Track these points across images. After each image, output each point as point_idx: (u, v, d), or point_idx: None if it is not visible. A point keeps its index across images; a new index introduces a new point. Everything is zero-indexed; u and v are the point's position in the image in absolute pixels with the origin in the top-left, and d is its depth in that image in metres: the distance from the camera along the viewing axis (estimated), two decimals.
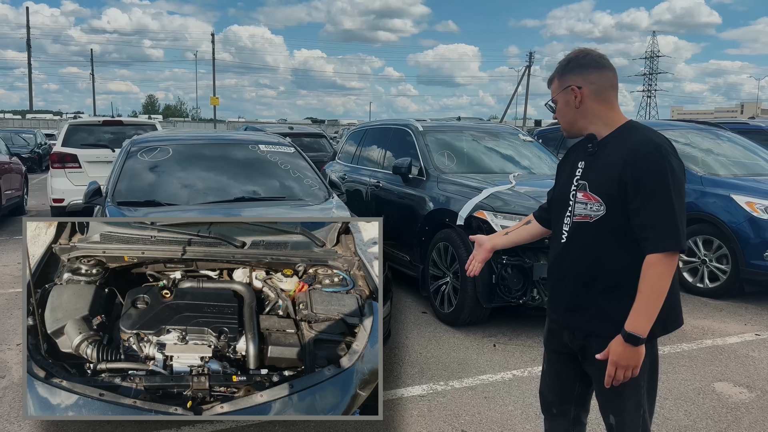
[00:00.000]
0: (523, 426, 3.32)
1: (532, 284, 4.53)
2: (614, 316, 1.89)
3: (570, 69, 2.00)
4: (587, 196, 1.94)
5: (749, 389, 3.83)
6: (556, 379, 2.22)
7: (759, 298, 5.78)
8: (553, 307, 2.16)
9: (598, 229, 1.92)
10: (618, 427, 2.01)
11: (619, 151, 1.90)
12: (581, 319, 2.00)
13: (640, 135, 1.91)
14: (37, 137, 23.00)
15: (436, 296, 5.15)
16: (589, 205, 1.94)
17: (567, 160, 2.15)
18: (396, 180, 5.99)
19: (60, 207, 8.88)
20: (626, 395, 1.98)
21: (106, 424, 3.27)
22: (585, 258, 1.96)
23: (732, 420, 3.42)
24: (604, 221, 1.90)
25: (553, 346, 2.19)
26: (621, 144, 1.92)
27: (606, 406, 2.05)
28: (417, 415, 3.43)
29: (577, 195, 1.98)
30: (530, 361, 4.21)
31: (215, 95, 50.71)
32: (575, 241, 1.99)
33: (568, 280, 2.02)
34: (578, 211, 1.97)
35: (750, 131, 8.64)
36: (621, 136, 1.95)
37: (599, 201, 1.91)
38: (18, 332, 4.73)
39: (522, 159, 6.24)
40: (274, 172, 4.90)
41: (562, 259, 2.04)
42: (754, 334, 4.84)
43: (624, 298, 1.87)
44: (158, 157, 4.75)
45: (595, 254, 1.93)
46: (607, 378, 1.87)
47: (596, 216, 1.92)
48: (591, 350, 1.96)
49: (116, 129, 9.49)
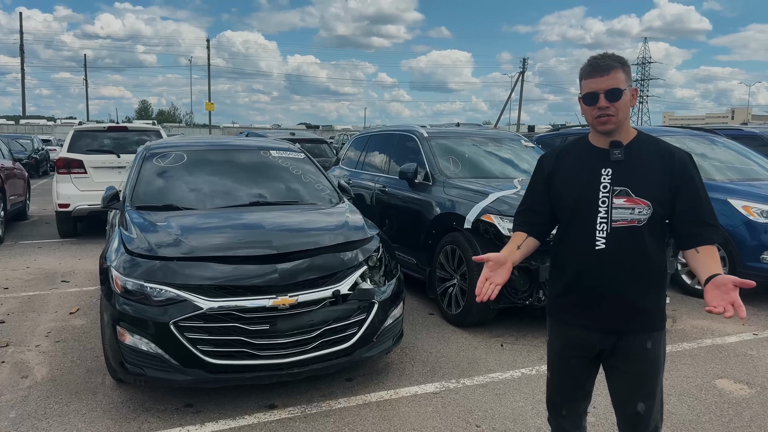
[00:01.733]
0: (534, 421, 3.45)
1: (539, 286, 4.67)
2: (652, 310, 2.09)
3: (628, 68, 2.06)
4: (633, 201, 2.02)
5: (749, 385, 3.97)
6: (573, 383, 2.27)
7: (756, 299, 5.95)
8: (581, 313, 2.14)
9: (644, 233, 2.04)
10: (647, 412, 2.14)
11: (655, 158, 2.05)
12: (619, 318, 2.09)
13: (665, 143, 2.10)
14: (34, 143, 23.01)
15: (443, 298, 5.28)
16: (636, 210, 2.02)
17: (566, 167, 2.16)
18: (402, 185, 6.13)
19: (66, 212, 8.96)
20: (657, 380, 2.14)
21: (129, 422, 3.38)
22: (631, 261, 2.05)
23: (734, 414, 3.56)
24: (649, 224, 2.04)
25: (574, 352, 2.20)
26: (652, 150, 2.07)
27: (636, 395, 2.14)
28: (432, 411, 3.56)
29: (614, 201, 2.04)
30: (537, 360, 4.34)
31: (210, 101, 50.72)
32: (617, 246, 2.04)
33: (608, 284, 2.07)
34: (621, 216, 2.03)
35: (744, 137, 8.83)
36: (646, 142, 2.09)
37: (648, 205, 2.02)
38: (36, 334, 4.83)
39: (525, 164, 6.39)
40: (286, 177, 5.02)
41: (597, 266, 2.06)
42: (752, 334, 5.00)
43: (658, 293, 2.11)
44: (173, 162, 4.87)
45: (641, 256, 2.05)
46: (720, 309, 1.83)
47: (645, 220, 2.03)
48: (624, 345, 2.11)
49: (121, 135, 9.58)
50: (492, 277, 2.13)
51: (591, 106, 2.03)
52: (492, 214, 4.79)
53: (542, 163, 2.30)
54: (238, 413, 3.51)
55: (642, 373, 2.13)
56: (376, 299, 3.74)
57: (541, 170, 2.28)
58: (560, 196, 2.18)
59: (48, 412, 3.51)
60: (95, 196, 8.82)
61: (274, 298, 3.40)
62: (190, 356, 3.31)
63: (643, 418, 2.17)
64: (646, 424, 2.17)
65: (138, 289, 3.40)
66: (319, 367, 3.54)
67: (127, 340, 3.38)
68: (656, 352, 2.13)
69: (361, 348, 3.68)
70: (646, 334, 2.11)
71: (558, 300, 2.24)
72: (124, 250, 3.66)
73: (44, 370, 4.12)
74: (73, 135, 9.35)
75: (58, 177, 9.07)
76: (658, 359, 2.14)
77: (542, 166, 2.29)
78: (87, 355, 4.38)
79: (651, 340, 2.11)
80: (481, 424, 3.41)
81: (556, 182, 2.20)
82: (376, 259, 3.96)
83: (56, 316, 5.34)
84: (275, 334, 3.40)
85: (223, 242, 3.69)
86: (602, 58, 2.05)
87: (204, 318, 3.31)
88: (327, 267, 3.67)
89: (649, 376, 2.13)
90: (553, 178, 2.21)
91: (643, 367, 2.13)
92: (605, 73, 2.00)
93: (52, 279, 6.72)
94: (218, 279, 3.42)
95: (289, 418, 3.46)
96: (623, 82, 2.01)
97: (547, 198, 2.23)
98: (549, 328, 2.33)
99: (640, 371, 2.13)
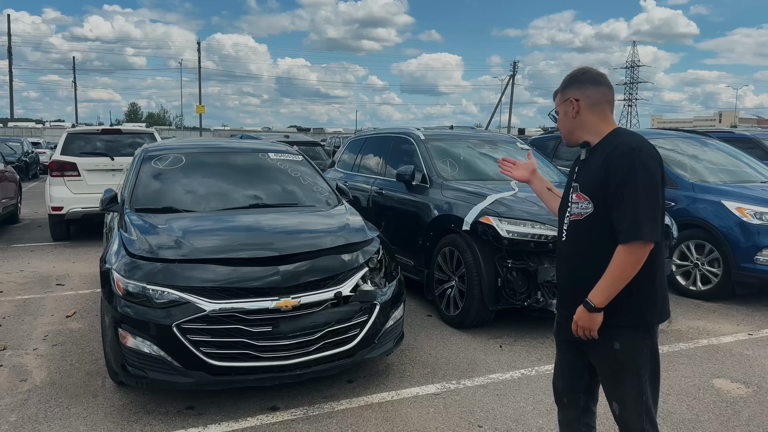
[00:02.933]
0: (536, 421, 3.48)
1: (537, 287, 4.70)
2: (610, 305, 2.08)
3: (571, 84, 2.25)
4: (579, 196, 2.18)
5: (746, 385, 4.02)
6: (566, 368, 2.39)
7: (750, 300, 6.01)
8: (560, 302, 2.34)
9: (589, 226, 2.13)
10: (621, 412, 2.17)
11: (601, 154, 2.14)
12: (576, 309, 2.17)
13: (620, 139, 2.14)
14: (24, 145, 22.83)
15: (441, 300, 5.30)
16: (580, 204, 2.16)
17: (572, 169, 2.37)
18: (399, 187, 6.14)
19: (59, 215, 8.90)
20: (628, 382, 2.13)
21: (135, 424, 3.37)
22: (581, 253, 2.18)
23: (732, 414, 3.60)
24: (593, 218, 2.12)
25: (562, 336, 2.35)
26: (604, 148, 2.16)
27: (610, 393, 2.20)
28: (434, 412, 3.57)
29: (571, 196, 2.22)
30: (537, 361, 4.37)
31: (201, 103, 50.53)
32: (572, 239, 2.22)
33: (566, 274, 2.25)
34: (573, 210, 2.20)
35: (735, 139, 8.94)
36: (606, 141, 2.18)
37: (587, 200, 2.14)
38: (32, 337, 4.80)
39: None
40: (285, 180, 5.03)
41: (563, 256, 2.27)
42: (747, 334, 5.05)
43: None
44: (172, 164, 4.86)
45: (590, 249, 2.14)
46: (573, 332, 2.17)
47: (585, 213, 2.14)
48: (593, 341, 2.15)
49: (114, 137, 9.54)
50: (515, 168, 2.63)
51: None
52: (490, 216, 4.81)
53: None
54: (240, 415, 3.50)
55: (611, 374, 2.16)
56: (377, 301, 3.75)
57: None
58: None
59: (49, 416, 3.49)
60: (89, 199, 8.80)
61: (276, 300, 3.40)
62: (193, 358, 3.30)
63: (619, 419, 2.18)
64: (624, 425, 2.17)
65: (140, 292, 3.40)
66: (321, 368, 3.55)
67: (128, 342, 3.37)
68: (628, 355, 2.11)
69: (363, 349, 3.69)
70: (610, 332, 2.10)
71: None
72: (125, 253, 3.65)
73: (43, 374, 4.09)
74: (67, 138, 9.30)
75: (51, 180, 9.01)
76: (631, 363, 2.11)
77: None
78: (86, 358, 4.36)
79: (618, 341, 2.11)
80: (483, 425, 3.43)
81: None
82: (376, 261, 3.98)
83: (53, 319, 5.31)
84: (278, 336, 3.40)
85: (224, 244, 3.69)
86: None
87: (207, 320, 3.31)
88: (329, 269, 3.67)
89: (620, 380, 2.14)
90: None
91: (614, 368, 2.15)
92: (554, 99, 2.34)
93: (46, 282, 6.68)
94: (221, 281, 3.42)
95: (292, 420, 3.46)
96: (558, 103, 2.29)
97: None
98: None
99: (610, 372, 2.17)
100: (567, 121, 2.25)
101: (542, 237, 4.64)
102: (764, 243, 5.65)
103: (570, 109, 2.21)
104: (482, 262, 4.80)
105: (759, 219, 5.73)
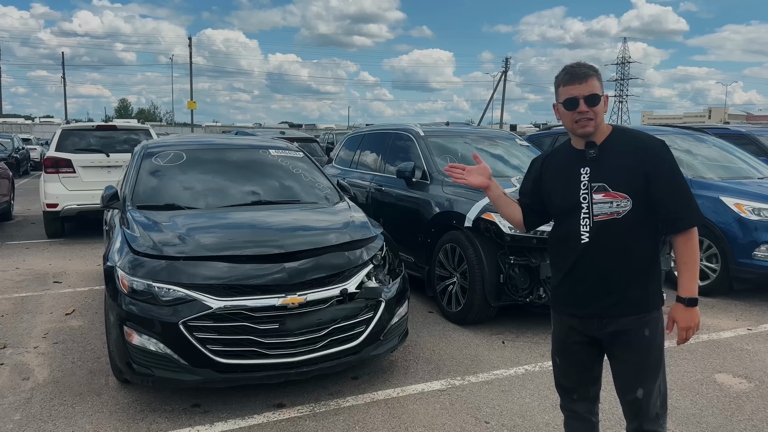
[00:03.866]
0: (542, 416, 3.49)
1: (539, 283, 4.71)
2: (642, 297, 2.19)
3: (600, 76, 2.23)
4: (611, 195, 2.14)
5: (748, 379, 4.05)
6: (579, 368, 2.38)
7: (747, 295, 6.06)
8: (574, 303, 2.27)
9: (630, 222, 2.14)
10: (646, 398, 2.21)
11: (628, 150, 2.16)
12: (611, 305, 2.19)
13: (639, 134, 2.21)
14: (14, 141, 22.64)
15: (443, 296, 5.30)
16: (615, 203, 2.14)
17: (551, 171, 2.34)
18: (399, 183, 6.14)
19: (54, 212, 8.82)
20: (654, 367, 2.21)
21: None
22: (615, 251, 2.16)
23: (735, 408, 3.63)
24: (633, 214, 2.13)
25: (573, 338, 2.32)
26: (625, 144, 2.18)
27: (635, 382, 2.22)
28: (440, 408, 3.58)
29: (593, 197, 2.17)
30: (539, 357, 4.38)
31: (192, 99, 50.17)
32: (601, 239, 2.16)
33: (594, 274, 2.20)
34: (601, 210, 2.16)
35: (730, 135, 8.99)
36: (619, 138, 2.21)
37: (625, 197, 2.13)
38: (32, 335, 4.76)
39: (520, 163, 6.43)
40: (286, 176, 5.01)
41: (584, 258, 2.20)
42: (746, 329, 5.09)
43: (647, 279, 2.20)
44: (173, 161, 4.83)
45: (625, 246, 2.15)
46: (681, 340, 2.22)
47: (624, 211, 2.13)
48: (622, 332, 2.19)
49: (109, 134, 9.47)
50: (467, 174, 2.51)
51: (571, 111, 2.19)
52: (493, 212, 4.80)
53: (531, 168, 2.51)
54: (246, 413, 3.50)
55: (640, 361, 2.22)
56: (382, 298, 3.75)
57: (529, 173, 2.51)
58: (549, 196, 2.37)
59: (53, 414, 3.47)
60: (84, 195, 8.75)
61: (283, 297, 3.39)
62: (200, 356, 3.29)
63: (642, 404, 2.23)
64: (646, 411, 2.24)
65: (146, 289, 3.38)
66: (327, 365, 3.54)
67: (134, 340, 3.35)
68: (654, 340, 2.21)
69: (369, 346, 3.69)
70: (640, 320, 2.19)
71: (556, 291, 2.40)
72: (129, 250, 3.62)
73: (45, 372, 4.06)
74: (61, 134, 9.22)
75: (45, 176, 8.93)
76: (657, 347, 2.22)
77: (531, 170, 2.51)
78: (87, 357, 4.33)
79: (648, 327, 2.19)
80: (490, 420, 3.44)
81: (544, 185, 2.40)
82: (380, 258, 3.97)
83: (52, 317, 5.27)
84: (284, 333, 3.39)
85: (230, 241, 3.68)
86: (578, 67, 2.23)
87: (213, 317, 3.30)
88: (334, 266, 3.67)
89: (647, 363, 2.21)
90: (541, 181, 2.41)
91: (642, 354, 2.22)
92: (583, 80, 2.17)
93: (43, 280, 6.62)
94: (227, 278, 3.40)
95: (299, 417, 3.46)
96: (599, 89, 2.19)
97: (537, 198, 2.43)
98: (552, 317, 2.46)
99: (639, 358, 2.22)
100: (603, 113, 2.21)
101: (545, 233, 4.63)
102: (762, 239, 5.70)
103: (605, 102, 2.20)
104: (484, 259, 4.81)
105: (757, 215, 5.77)
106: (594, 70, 2.20)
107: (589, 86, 2.16)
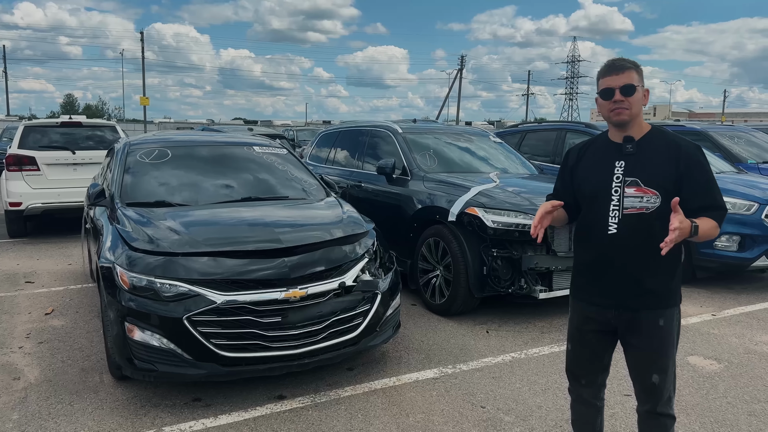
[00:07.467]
0: (534, 400, 3.66)
1: (520, 274, 4.90)
2: (660, 289, 2.30)
3: (641, 70, 2.31)
4: (642, 191, 2.25)
5: (718, 361, 4.33)
6: (591, 356, 2.51)
7: (709, 283, 6.42)
8: (596, 292, 2.39)
9: (657, 217, 2.24)
10: (661, 382, 2.36)
11: (663, 150, 2.27)
12: (632, 297, 2.31)
13: (676, 137, 2.32)
14: None
15: (426, 289, 5.44)
16: (645, 198, 2.25)
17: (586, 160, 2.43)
18: (379, 180, 6.24)
19: (17, 211, 8.58)
20: (670, 355, 2.36)
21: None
22: (640, 246, 2.26)
23: (710, 387, 3.89)
24: (661, 210, 2.24)
25: (590, 327, 2.44)
26: (661, 144, 2.29)
27: (650, 368, 2.36)
28: (436, 395, 3.71)
29: (625, 190, 2.28)
30: (523, 344, 4.57)
31: (144, 95, 48.96)
32: (627, 231, 2.26)
33: (619, 265, 2.30)
34: (631, 204, 2.26)
35: (685, 132, 9.41)
36: (657, 137, 2.32)
37: (656, 194, 2.25)
38: (14, 336, 4.68)
39: (495, 159, 6.63)
40: (272, 173, 5.05)
41: (610, 249, 2.30)
42: (711, 314, 5.41)
43: (669, 275, 2.31)
44: (158, 158, 4.82)
45: (650, 240, 2.24)
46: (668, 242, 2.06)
47: (653, 207, 2.25)
48: (639, 322, 2.33)
49: (74, 130, 9.24)
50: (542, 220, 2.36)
51: (607, 101, 2.29)
52: (476, 206, 4.97)
53: (568, 157, 2.56)
54: (248, 405, 3.55)
55: (655, 349, 2.34)
56: (378, 290, 3.86)
57: (566, 164, 2.56)
58: (580, 185, 2.45)
59: (52, 413, 3.45)
60: (50, 193, 8.55)
61: (285, 291, 3.46)
62: (204, 350, 3.33)
63: (657, 388, 2.38)
64: (660, 393, 2.39)
65: (147, 285, 3.39)
66: (328, 357, 3.63)
67: (136, 336, 3.36)
68: (669, 330, 2.34)
69: (366, 337, 3.79)
70: (657, 312, 2.32)
71: (577, 280, 2.50)
72: (126, 247, 3.62)
73: (36, 372, 4.02)
74: (23, 131, 8.96)
75: (7, 174, 8.67)
76: (671, 336, 2.36)
77: (567, 159, 2.55)
78: (77, 355, 4.29)
79: (663, 318, 2.32)
80: (485, 405, 3.59)
81: (578, 173, 2.47)
82: (373, 252, 4.08)
83: (31, 317, 5.18)
84: (287, 326, 3.46)
85: (229, 237, 3.72)
86: (618, 60, 2.32)
87: (217, 312, 3.34)
88: (332, 260, 3.75)
89: (662, 352, 2.35)
90: (575, 170, 2.48)
91: (657, 343, 2.34)
92: (620, 71, 2.27)
93: (14, 280, 6.46)
94: (229, 273, 3.45)
95: (301, 408, 3.53)
96: (636, 80, 2.27)
97: (571, 188, 2.50)
98: (570, 305, 2.56)
99: (654, 347, 2.34)
100: (639, 105, 2.28)
101: (526, 226, 4.83)
102: (723, 230, 6.04)
103: (644, 96, 2.28)
104: (468, 252, 4.97)
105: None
106: (633, 63, 2.28)
107: (625, 77, 2.24)
